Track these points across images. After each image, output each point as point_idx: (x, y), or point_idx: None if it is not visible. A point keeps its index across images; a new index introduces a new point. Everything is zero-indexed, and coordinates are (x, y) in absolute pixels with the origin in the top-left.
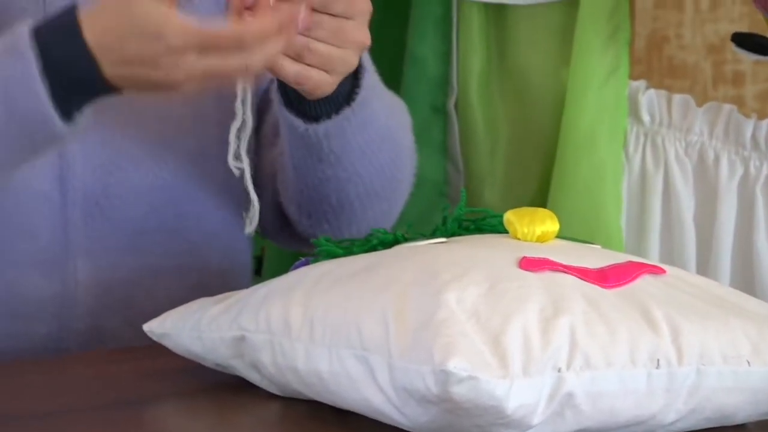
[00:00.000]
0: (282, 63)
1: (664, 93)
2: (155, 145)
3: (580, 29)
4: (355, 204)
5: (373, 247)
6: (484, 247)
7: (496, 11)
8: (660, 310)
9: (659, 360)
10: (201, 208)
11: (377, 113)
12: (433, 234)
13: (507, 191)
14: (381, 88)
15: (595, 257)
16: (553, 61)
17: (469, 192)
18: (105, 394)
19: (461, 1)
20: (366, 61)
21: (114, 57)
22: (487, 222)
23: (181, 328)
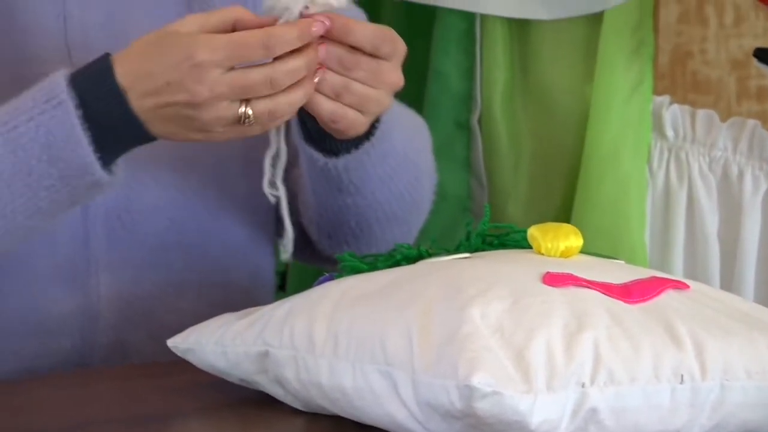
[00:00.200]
0: (318, 100)
1: (687, 108)
2: (176, 160)
3: (603, 44)
4: (375, 228)
5: (397, 263)
6: (507, 263)
7: (519, 27)
8: (684, 325)
9: (683, 375)
10: (223, 223)
11: (396, 142)
12: (457, 249)
13: (530, 206)
14: (400, 113)
15: (619, 272)
16: (577, 77)
17: (493, 207)
18: (129, 409)
19: (485, 17)
20: None
21: (141, 88)
22: (511, 237)
23: (206, 343)
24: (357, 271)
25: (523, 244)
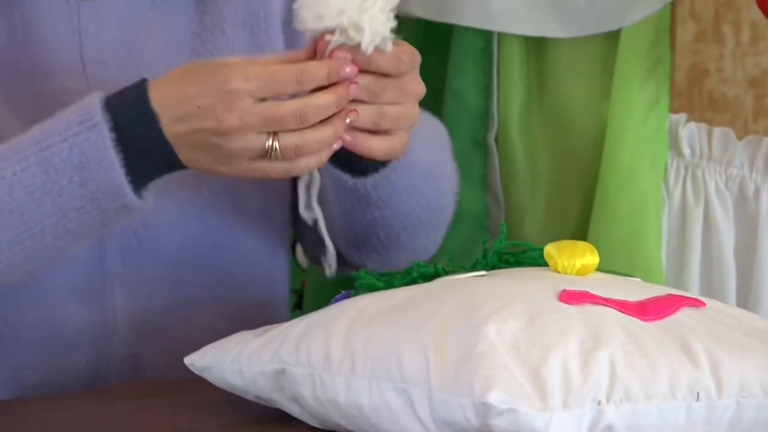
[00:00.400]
0: (369, 143)
1: (704, 126)
2: (189, 176)
3: (620, 62)
4: (402, 237)
5: (414, 280)
6: (524, 280)
7: (536, 45)
8: (700, 343)
9: (699, 393)
10: (237, 238)
11: (419, 153)
12: (474, 267)
13: (547, 224)
14: (420, 121)
15: (635, 290)
16: (594, 94)
17: (509, 225)
18: (146, 426)
19: (501, 35)
20: None
21: (173, 112)
22: (528, 255)
23: (222, 360)
24: (373, 289)
25: (540, 261)
